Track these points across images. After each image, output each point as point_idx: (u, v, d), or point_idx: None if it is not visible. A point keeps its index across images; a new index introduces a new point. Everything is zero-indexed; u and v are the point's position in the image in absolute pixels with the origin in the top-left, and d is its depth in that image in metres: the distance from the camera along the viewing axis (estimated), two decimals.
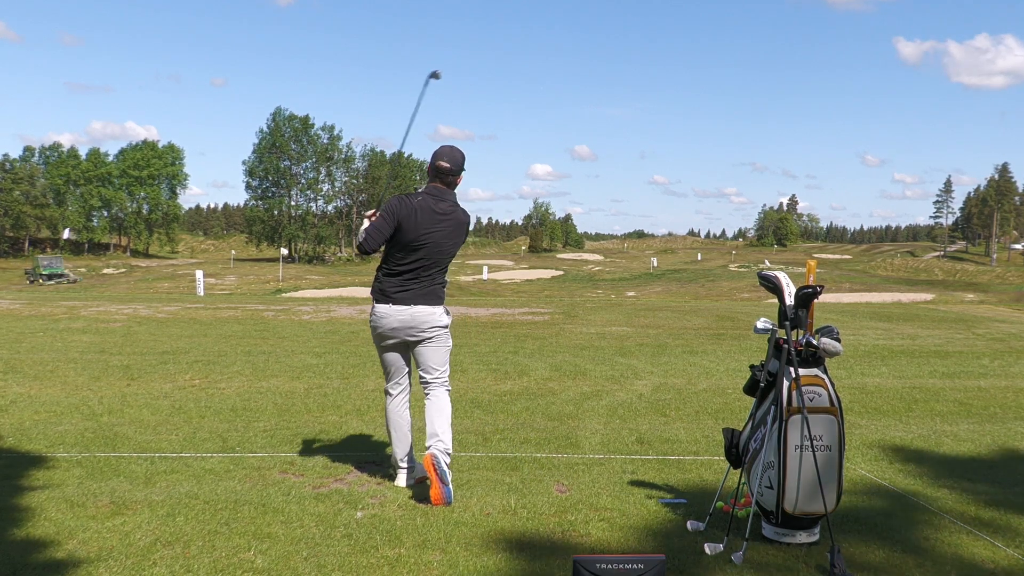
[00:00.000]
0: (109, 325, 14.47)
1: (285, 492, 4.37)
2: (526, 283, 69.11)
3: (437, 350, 4.51)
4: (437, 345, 4.50)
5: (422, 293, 4.41)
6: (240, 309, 19.23)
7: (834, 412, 3.70)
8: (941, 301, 37.70)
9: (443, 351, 4.53)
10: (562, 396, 7.80)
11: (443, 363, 4.54)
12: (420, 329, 4.43)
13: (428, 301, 4.41)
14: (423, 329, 4.43)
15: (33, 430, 5.90)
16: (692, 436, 6.09)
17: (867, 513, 4.23)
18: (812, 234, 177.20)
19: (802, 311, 3.81)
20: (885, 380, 9.26)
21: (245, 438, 5.74)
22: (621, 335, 13.97)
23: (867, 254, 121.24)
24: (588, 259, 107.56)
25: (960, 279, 77.17)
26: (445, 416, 4.46)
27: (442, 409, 4.48)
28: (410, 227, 4.30)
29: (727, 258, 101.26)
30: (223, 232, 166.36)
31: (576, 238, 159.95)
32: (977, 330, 15.94)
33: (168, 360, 9.91)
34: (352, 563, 3.40)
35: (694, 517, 4.02)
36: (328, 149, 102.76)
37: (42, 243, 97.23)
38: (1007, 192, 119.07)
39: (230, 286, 57.12)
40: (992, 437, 6.32)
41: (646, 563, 2.85)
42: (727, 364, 10.32)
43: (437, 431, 4.40)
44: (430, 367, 4.52)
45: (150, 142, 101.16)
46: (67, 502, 4.12)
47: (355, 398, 7.49)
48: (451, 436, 4.47)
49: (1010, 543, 3.80)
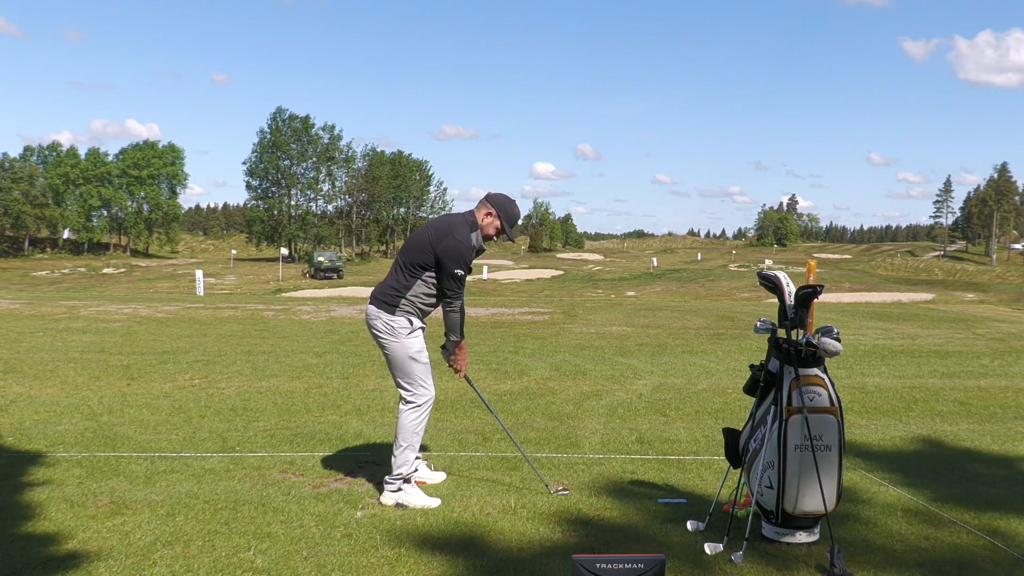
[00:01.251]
0: (109, 325, 14.46)
1: (285, 492, 4.38)
2: (526, 283, 69.09)
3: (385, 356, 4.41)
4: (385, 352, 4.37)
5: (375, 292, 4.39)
6: (240, 309, 19.23)
7: (834, 412, 3.69)
8: (941, 301, 37.70)
9: (388, 359, 4.36)
10: (562, 396, 7.80)
11: (396, 374, 4.37)
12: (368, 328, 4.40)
13: (375, 302, 4.35)
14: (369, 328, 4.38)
15: (33, 430, 5.90)
16: (692, 436, 6.09)
17: (867, 513, 4.23)
18: (812, 234, 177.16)
19: (802, 311, 3.81)
20: (885, 380, 9.26)
21: (245, 438, 5.74)
22: (621, 335, 13.97)
23: (867, 254, 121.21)
24: (588, 259, 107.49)
25: (960, 279, 77.15)
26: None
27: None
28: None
29: (727, 258, 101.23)
30: (223, 232, 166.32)
31: (576, 238, 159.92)
32: (977, 330, 15.94)
33: (168, 360, 9.91)
34: (352, 563, 3.40)
35: (694, 517, 4.02)
36: (328, 149, 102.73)
37: (42, 243, 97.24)
38: (1007, 192, 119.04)
39: (230, 286, 57.11)
40: (992, 437, 6.31)
41: (646, 563, 2.85)
42: (727, 364, 10.32)
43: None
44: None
45: (150, 142, 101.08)
46: (67, 502, 4.13)
47: (355, 398, 7.49)
48: (394, 457, 4.30)
49: (1010, 543, 3.80)
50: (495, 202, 4.33)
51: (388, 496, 4.27)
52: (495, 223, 4.31)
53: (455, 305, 4.26)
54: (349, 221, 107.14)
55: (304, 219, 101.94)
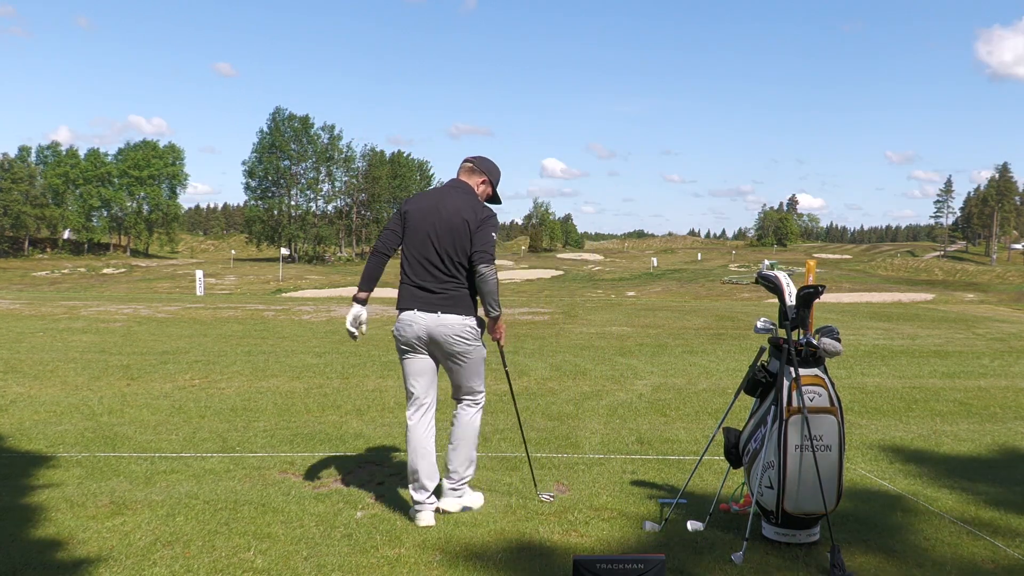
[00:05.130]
0: (109, 325, 14.46)
1: (285, 492, 4.37)
2: (526, 283, 69.09)
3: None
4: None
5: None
6: (240, 309, 19.22)
7: (834, 412, 3.69)
8: (941, 301, 37.69)
9: (467, 366, 4.15)
10: (562, 396, 7.80)
11: (470, 379, 4.18)
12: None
13: (449, 309, 4.06)
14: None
15: (33, 430, 5.90)
16: (692, 436, 6.09)
17: (867, 513, 4.22)
18: (812, 234, 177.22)
19: (804, 311, 3.81)
20: (885, 380, 9.26)
21: (245, 438, 5.74)
22: (621, 335, 13.97)
23: (867, 254, 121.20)
24: (588, 259, 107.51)
25: (960, 279, 77.14)
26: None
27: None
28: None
29: (727, 258, 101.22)
30: (223, 232, 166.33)
31: (576, 238, 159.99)
32: (977, 330, 15.94)
33: (168, 360, 9.91)
34: (352, 563, 3.40)
35: (694, 517, 4.02)
36: (328, 149, 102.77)
37: (42, 243, 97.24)
38: (1007, 192, 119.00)
39: (230, 286, 57.11)
40: (992, 437, 6.31)
41: (646, 563, 2.86)
42: (727, 364, 10.32)
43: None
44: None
45: (150, 142, 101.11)
46: (67, 502, 4.12)
47: (355, 398, 7.49)
48: (460, 463, 4.19)
49: (1010, 543, 3.80)
50: (485, 168, 4.22)
51: (454, 502, 4.13)
52: (487, 191, 4.23)
53: (492, 268, 3.96)
54: (349, 221, 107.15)
55: (304, 219, 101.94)
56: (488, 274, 3.92)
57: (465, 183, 4.16)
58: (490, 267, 3.93)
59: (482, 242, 3.94)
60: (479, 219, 3.96)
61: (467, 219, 3.95)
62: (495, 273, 3.96)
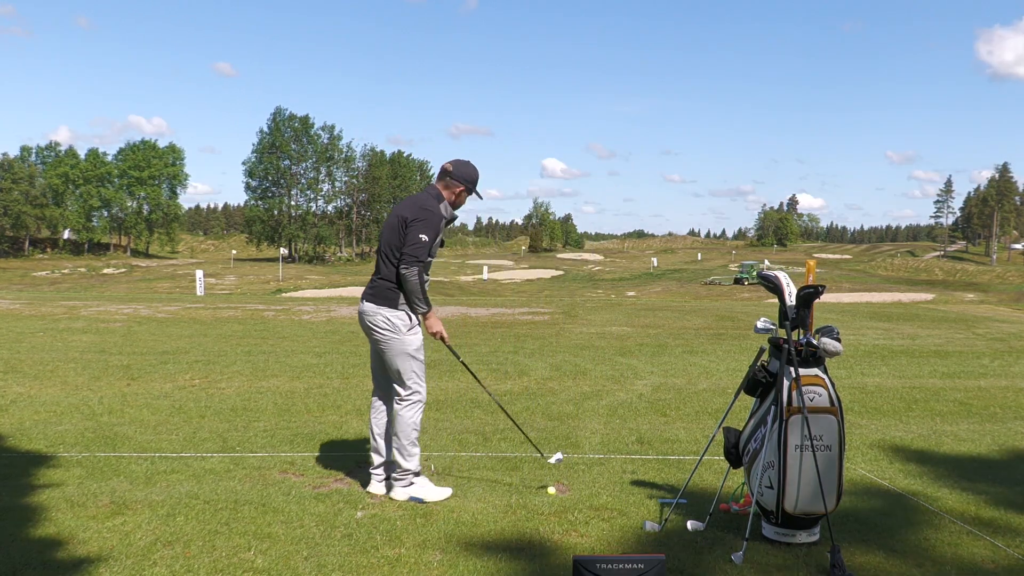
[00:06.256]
0: (109, 325, 14.46)
1: (285, 492, 4.37)
2: (526, 283, 69.10)
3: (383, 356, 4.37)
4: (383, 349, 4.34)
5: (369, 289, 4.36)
6: (240, 309, 19.23)
7: (834, 412, 3.69)
8: (941, 301, 37.69)
9: (385, 355, 4.32)
10: (562, 396, 7.80)
11: (392, 371, 4.35)
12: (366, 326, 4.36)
13: (372, 299, 4.32)
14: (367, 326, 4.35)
15: (33, 430, 5.90)
16: (692, 436, 6.09)
17: (867, 513, 4.22)
18: (812, 234, 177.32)
19: (804, 311, 3.81)
20: (885, 380, 9.26)
21: (245, 438, 5.74)
22: (621, 335, 13.97)
23: (867, 254, 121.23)
24: (588, 259, 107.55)
25: (960, 279, 77.15)
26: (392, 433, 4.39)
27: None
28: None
29: (727, 258, 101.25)
30: (223, 232, 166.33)
31: (576, 238, 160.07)
32: (977, 330, 15.94)
33: (168, 360, 9.91)
34: (352, 563, 3.40)
35: (694, 517, 4.02)
36: (328, 149, 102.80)
37: (42, 243, 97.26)
38: (1007, 192, 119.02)
39: (230, 286, 57.11)
40: (992, 437, 6.31)
41: (646, 563, 2.86)
42: (727, 364, 10.32)
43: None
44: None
45: (150, 142, 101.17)
46: (67, 502, 4.12)
47: (355, 398, 7.49)
48: (397, 454, 4.34)
49: (1010, 543, 3.80)
50: (452, 172, 4.39)
51: (400, 492, 4.30)
52: (457, 188, 4.40)
53: (412, 270, 4.14)
54: (349, 221, 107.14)
55: (304, 219, 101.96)
56: (408, 275, 4.17)
57: (433, 186, 4.45)
58: (411, 268, 4.16)
59: (408, 242, 4.18)
60: (410, 219, 4.20)
61: (403, 217, 4.22)
62: (416, 274, 4.18)
